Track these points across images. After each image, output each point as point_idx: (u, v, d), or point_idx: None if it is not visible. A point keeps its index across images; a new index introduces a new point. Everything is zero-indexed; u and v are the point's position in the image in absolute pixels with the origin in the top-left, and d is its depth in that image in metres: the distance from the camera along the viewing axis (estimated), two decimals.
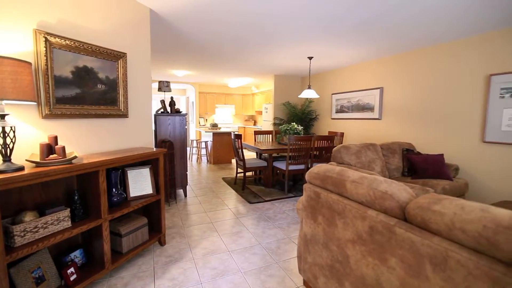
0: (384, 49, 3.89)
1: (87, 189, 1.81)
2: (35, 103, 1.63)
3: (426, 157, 3.15)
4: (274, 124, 6.60)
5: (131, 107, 2.35)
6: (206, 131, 6.74)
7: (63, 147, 1.54)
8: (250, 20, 2.81)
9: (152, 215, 2.38)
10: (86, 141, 1.98)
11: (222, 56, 4.56)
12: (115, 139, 2.22)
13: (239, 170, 4.79)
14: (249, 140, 9.11)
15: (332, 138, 4.13)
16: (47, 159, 1.48)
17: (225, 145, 6.53)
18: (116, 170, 1.99)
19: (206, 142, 6.85)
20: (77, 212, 1.72)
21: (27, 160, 1.44)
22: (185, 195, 3.85)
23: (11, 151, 1.36)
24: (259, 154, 4.78)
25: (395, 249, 1.06)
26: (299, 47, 3.91)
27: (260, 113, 8.95)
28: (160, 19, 2.80)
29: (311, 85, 6.46)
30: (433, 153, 3.69)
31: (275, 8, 2.49)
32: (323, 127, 6.08)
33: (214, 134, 6.36)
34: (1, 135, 1.32)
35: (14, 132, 1.37)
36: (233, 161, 6.78)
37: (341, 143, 4.64)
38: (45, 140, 1.66)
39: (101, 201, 1.74)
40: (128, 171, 2.15)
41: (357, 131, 5.11)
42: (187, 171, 3.80)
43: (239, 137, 4.09)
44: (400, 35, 3.24)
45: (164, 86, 3.80)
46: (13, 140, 1.37)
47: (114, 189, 1.96)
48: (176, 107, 3.77)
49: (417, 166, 3.13)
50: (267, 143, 4.90)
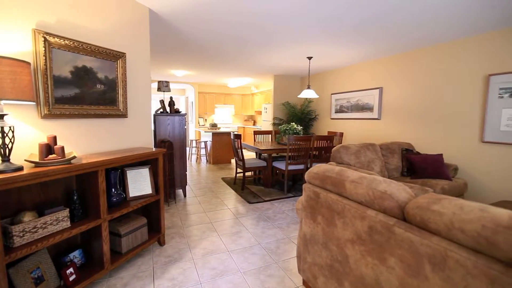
0: (383, 49, 3.89)
1: (86, 189, 1.81)
2: (34, 103, 1.63)
3: (425, 157, 3.16)
4: (273, 124, 6.60)
5: (131, 107, 2.35)
6: (205, 131, 6.74)
7: (62, 147, 1.53)
8: (249, 20, 2.81)
9: (151, 215, 2.37)
10: (85, 141, 1.98)
11: (221, 56, 4.56)
12: (114, 139, 2.21)
13: (239, 170, 4.80)
14: (248, 140, 9.11)
15: (331, 138, 4.14)
16: (46, 159, 1.47)
17: (225, 145, 6.52)
18: (115, 170, 1.99)
19: (205, 142, 6.85)
20: (76, 212, 1.72)
21: (26, 160, 1.43)
22: (185, 195, 3.84)
23: (10, 151, 1.36)
24: (259, 154, 4.78)
25: (394, 249, 1.07)
26: (299, 47, 3.91)
27: (259, 113, 8.95)
28: (159, 19, 2.80)
29: (311, 85, 6.47)
30: (432, 153, 3.69)
31: (275, 8, 2.49)
32: (323, 127, 6.08)
33: (213, 134, 6.36)
34: (0, 135, 1.32)
35: (13, 132, 1.37)
36: (233, 161, 6.78)
37: (341, 143, 4.65)
38: (44, 140, 1.66)
39: (100, 201, 1.73)
40: (127, 171, 2.15)
41: (356, 131, 5.12)
42: (186, 171, 3.80)
43: (238, 137, 4.09)
44: (400, 35, 3.25)
45: (163, 86, 3.80)
46: (12, 140, 1.37)
47: (113, 189, 1.96)
48: (175, 107, 3.77)
49: (416, 166, 3.14)
50: (266, 143, 4.90)
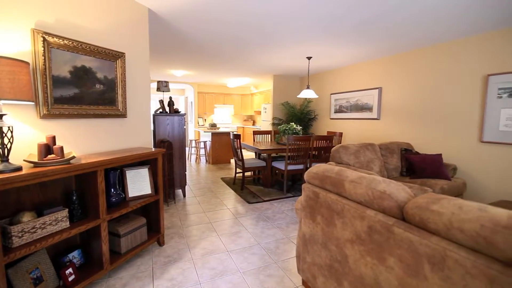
0: (383, 49, 3.90)
1: (86, 189, 1.80)
2: (33, 103, 1.63)
3: (424, 157, 3.16)
4: (273, 124, 6.60)
5: (130, 107, 2.35)
6: (205, 131, 6.73)
7: (61, 147, 1.53)
8: (249, 20, 2.81)
9: (150, 215, 2.37)
10: (84, 141, 1.97)
11: (221, 56, 4.55)
12: (113, 139, 2.21)
13: (238, 170, 4.79)
14: (248, 140, 9.10)
15: (330, 138, 4.14)
16: (45, 159, 1.47)
17: (224, 145, 6.52)
18: (114, 170, 1.99)
19: (205, 142, 6.85)
20: (75, 212, 1.71)
21: (25, 160, 1.43)
22: (184, 195, 3.84)
23: (9, 151, 1.36)
24: (258, 154, 4.78)
25: (394, 249, 1.07)
26: (299, 47, 3.91)
27: (259, 113, 8.95)
28: (158, 19, 2.79)
29: (310, 85, 6.47)
30: (432, 153, 3.70)
31: (275, 8, 2.49)
32: (322, 127, 6.08)
33: (213, 134, 6.36)
34: None
35: (12, 132, 1.36)
36: (232, 161, 6.78)
37: (340, 143, 4.65)
38: (43, 140, 1.66)
39: (99, 201, 1.73)
40: (126, 171, 2.15)
41: (355, 131, 5.12)
42: (186, 171, 3.79)
43: (238, 137, 4.09)
44: (400, 35, 3.25)
45: (162, 86, 3.80)
46: (11, 140, 1.36)
47: (112, 189, 1.96)
48: (174, 107, 3.76)
49: (415, 166, 3.14)
50: (266, 143, 4.90)
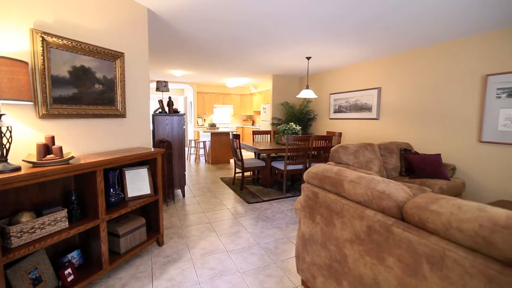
0: (383, 49, 3.90)
1: (85, 189, 1.80)
2: (32, 103, 1.63)
3: (423, 157, 3.17)
4: (272, 124, 6.60)
5: (129, 107, 2.34)
6: (204, 131, 6.73)
7: (60, 147, 1.53)
8: (249, 20, 2.81)
9: (150, 216, 2.37)
10: (83, 141, 1.97)
11: (220, 56, 4.55)
12: (112, 139, 2.21)
13: (237, 170, 4.80)
14: (247, 140, 9.10)
15: (330, 138, 4.14)
16: (44, 159, 1.47)
17: (223, 145, 6.52)
18: (113, 170, 1.98)
19: (204, 142, 6.84)
20: (74, 212, 1.71)
21: (24, 160, 1.43)
22: (183, 195, 3.84)
23: (8, 151, 1.36)
24: (258, 154, 4.78)
25: (393, 249, 1.07)
26: (299, 47, 3.91)
27: (258, 113, 8.95)
28: (157, 19, 2.79)
29: (309, 85, 6.48)
30: (431, 153, 3.70)
31: (275, 8, 2.49)
32: (321, 127, 6.09)
33: (212, 134, 6.36)
34: None
35: (10, 132, 1.36)
36: (231, 161, 6.78)
37: (339, 143, 4.66)
38: (42, 140, 1.65)
39: (98, 201, 1.73)
40: (126, 171, 2.15)
41: (355, 131, 5.13)
42: (185, 171, 3.79)
43: (237, 137, 4.09)
44: (400, 35, 3.25)
45: (162, 86, 3.79)
46: (10, 140, 1.36)
47: (111, 190, 1.96)
48: (174, 107, 3.76)
49: (414, 166, 3.15)
50: (265, 143, 4.90)
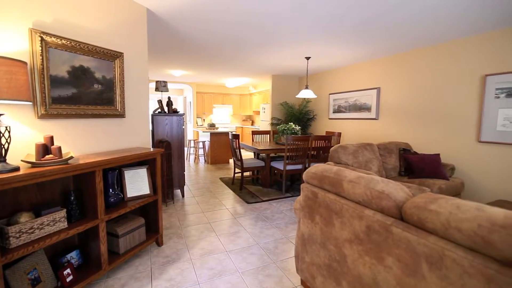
0: (383, 49, 3.90)
1: (84, 189, 1.80)
2: (31, 103, 1.62)
3: (422, 156, 3.17)
4: (271, 124, 6.60)
5: (128, 107, 2.34)
6: (203, 131, 6.73)
7: (59, 148, 1.52)
8: (249, 20, 2.81)
9: (149, 216, 2.37)
10: (82, 141, 1.97)
11: (220, 56, 4.55)
12: (111, 139, 2.20)
13: (237, 170, 4.80)
14: (246, 140, 9.10)
15: (329, 138, 4.14)
16: (43, 159, 1.46)
17: (223, 145, 6.52)
18: (113, 170, 1.98)
19: (203, 142, 6.84)
20: (73, 212, 1.71)
21: (22, 160, 1.42)
22: (183, 195, 3.84)
23: (6, 151, 1.35)
24: (257, 154, 4.78)
25: (392, 249, 1.07)
26: (299, 47, 3.91)
27: (257, 113, 8.95)
28: (157, 19, 2.79)
29: (309, 85, 6.48)
30: (430, 152, 3.71)
31: (275, 8, 2.49)
32: (321, 127, 6.09)
33: (211, 134, 6.35)
34: None
35: (9, 132, 1.36)
36: (231, 161, 6.77)
37: (339, 143, 4.66)
38: (41, 140, 1.65)
39: (97, 201, 1.73)
40: (125, 172, 2.14)
41: (354, 131, 5.13)
42: (184, 171, 3.79)
43: (236, 137, 4.09)
44: (400, 35, 3.26)
45: (161, 86, 3.79)
46: (8, 140, 1.36)
47: (111, 190, 1.95)
48: (173, 107, 3.76)
49: (413, 165, 3.15)
50: (264, 143, 4.90)
